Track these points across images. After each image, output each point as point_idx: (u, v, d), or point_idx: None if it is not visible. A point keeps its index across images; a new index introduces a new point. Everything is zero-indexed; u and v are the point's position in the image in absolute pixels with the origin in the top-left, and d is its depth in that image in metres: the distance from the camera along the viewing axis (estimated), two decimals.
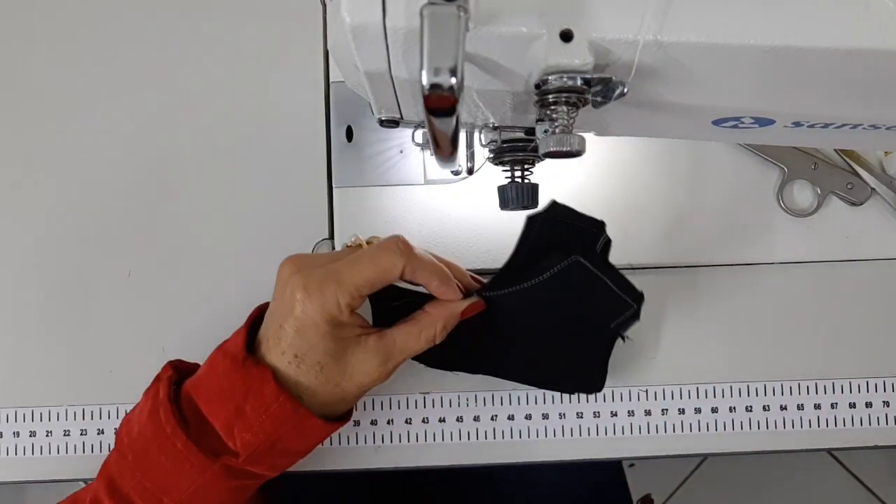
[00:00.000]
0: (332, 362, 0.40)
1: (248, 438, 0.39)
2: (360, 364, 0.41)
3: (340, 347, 0.40)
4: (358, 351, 0.41)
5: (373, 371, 0.41)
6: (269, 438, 0.39)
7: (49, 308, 0.52)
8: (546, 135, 0.30)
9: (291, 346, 0.40)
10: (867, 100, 0.33)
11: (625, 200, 0.53)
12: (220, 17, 0.54)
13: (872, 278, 0.52)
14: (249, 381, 0.39)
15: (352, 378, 0.41)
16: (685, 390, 0.51)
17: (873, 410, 0.51)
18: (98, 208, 0.53)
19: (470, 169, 0.48)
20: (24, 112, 0.54)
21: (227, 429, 0.39)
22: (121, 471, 0.41)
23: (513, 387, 0.50)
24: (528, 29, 0.28)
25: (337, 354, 0.40)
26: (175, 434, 0.39)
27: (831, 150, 0.53)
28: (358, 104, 0.52)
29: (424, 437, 0.51)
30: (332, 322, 0.39)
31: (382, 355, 0.41)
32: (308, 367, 0.40)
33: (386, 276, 0.40)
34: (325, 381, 0.41)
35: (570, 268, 0.42)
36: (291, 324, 0.40)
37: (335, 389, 0.41)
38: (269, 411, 0.39)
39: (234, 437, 0.39)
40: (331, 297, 0.39)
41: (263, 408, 0.39)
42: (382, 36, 0.28)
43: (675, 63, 0.29)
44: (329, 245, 0.52)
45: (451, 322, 0.43)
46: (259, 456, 0.40)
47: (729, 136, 0.37)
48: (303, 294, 0.39)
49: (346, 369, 0.41)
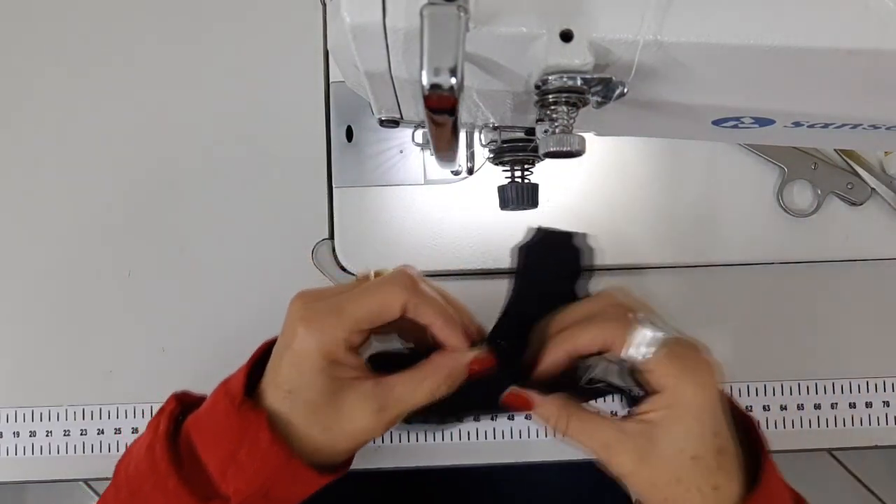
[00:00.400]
0: (324, 403, 0.38)
1: (241, 486, 0.37)
2: (353, 409, 0.38)
3: (334, 388, 0.38)
4: (352, 394, 0.38)
5: (365, 419, 0.38)
6: (263, 487, 0.38)
7: (49, 308, 0.52)
8: (546, 135, 0.30)
9: (286, 381, 0.38)
10: (867, 100, 0.33)
11: (625, 200, 0.53)
12: (221, 18, 0.54)
13: (872, 278, 0.52)
14: (245, 426, 0.37)
15: (343, 425, 0.39)
16: None
17: (873, 410, 0.51)
18: (98, 208, 0.53)
19: (470, 169, 0.48)
20: (24, 113, 0.54)
21: (220, 473, 0.38)
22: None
23: None
24: (528, 29, 0.28)
25: (330, 395, 0.38)
26: (168, 473, 0.38)
27: (831, 150, 0.53)
28: (358, 104, 0.52)
29: (424, 437, 0.51)
30: (329, 357, 0.38)
31: (378, 402, 0.38)
32: (300, 406, 0.38)
33: (387, 309, 0.38)
34: (315, 423, 0.38)
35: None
36: (288, 357, 0.38)
37: (325, 435, 0.39)
38: (263, 459, 0.37)
39: (227, 481, 0.38)
40: (329, 330, 0.37)
41: (258, 455, 0.37)
42: (382, 36, 0.28)
43: (675, 63, 0.29)
44: (329, 245, 0.52)
45: (456, 374, 0.40)
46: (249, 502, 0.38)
47: (729, 136, 0.37)
48: (302, 326, 0.38)
49: (339, 414, 0.38)
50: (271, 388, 0.39)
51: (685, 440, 0.36)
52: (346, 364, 0.39)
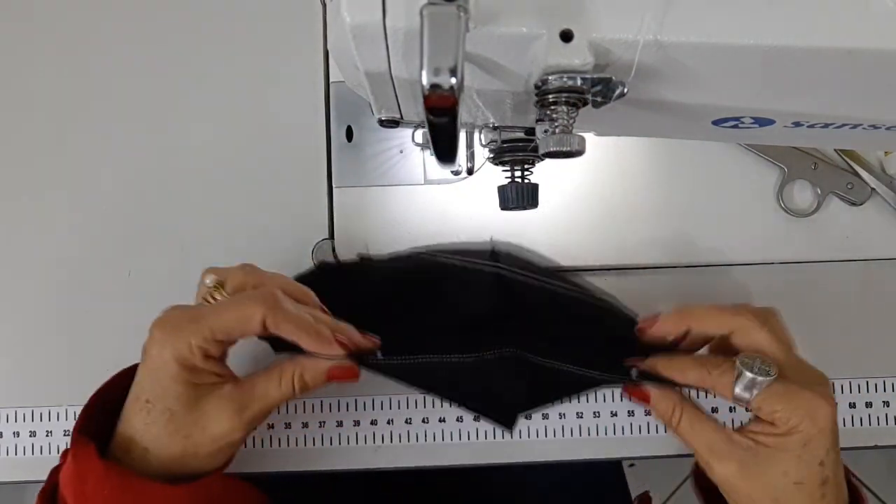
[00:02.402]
0: (182, 410, 0.38)
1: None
2: (213, 412, 0.39)
3: (193, 395, 0.38)
4: (212, 399, 0.39)
5: (226, 420, 0.39)
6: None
7: (49, 308, 0.52)
8: (546, 135, 0.30)
9: (144, 391, 0.39)
10: (867, 100, 0.33)
11: (624, 200, 0.53)
12: (221, 18, 0.54)
13: (872, 278, 0.52)
14: (80, 461, 0.38)
15: (204, 429, 0.39)
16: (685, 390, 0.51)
17: (873, 410, 0.51)
18: (98, 208, 0.53)
19: (470, 169, 0.48)
20: (24, 114, 0.54)
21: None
22: None
23: None
24: (528, 29, 0.28)
25: (188, 402, 0.38)
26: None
27: (831, 150, 0.53)
28: (358, 104, 0.52)
29: (424, 437, 0.51)
30: (183, 363, 0.38)
31: (237, 402, 0.39)
32: (157, 415, 0.38)
33: (245, 324, 0.38)
34: (174, 431, 0.38)
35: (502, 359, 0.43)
36: (146, 364, 0.39)
37: (185, 442, 0.39)
38: (105, 488, 0.37)
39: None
40: (183, 337, 0.38)
41: (100, 485, 0.37)
42: (382, 36, 0.28)
43: (675, 63, 0.29)
44: (329, 245, 0.52)
45: (315, 376, 0.41)
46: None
47: (729, 136, 0.37)
48: (158, 332, 0.38)
49: (199, 420, 0.39)
50: (132, 400, 0.39)
51: (791, 466, 0.38)
52: (205, 370, 0.39)
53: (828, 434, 0.38)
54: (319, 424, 0.51)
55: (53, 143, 0.53)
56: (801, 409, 0.37)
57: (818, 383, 0.40)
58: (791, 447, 0.38)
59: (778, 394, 0.38)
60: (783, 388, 0.38)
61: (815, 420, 0.37)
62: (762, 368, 0.38)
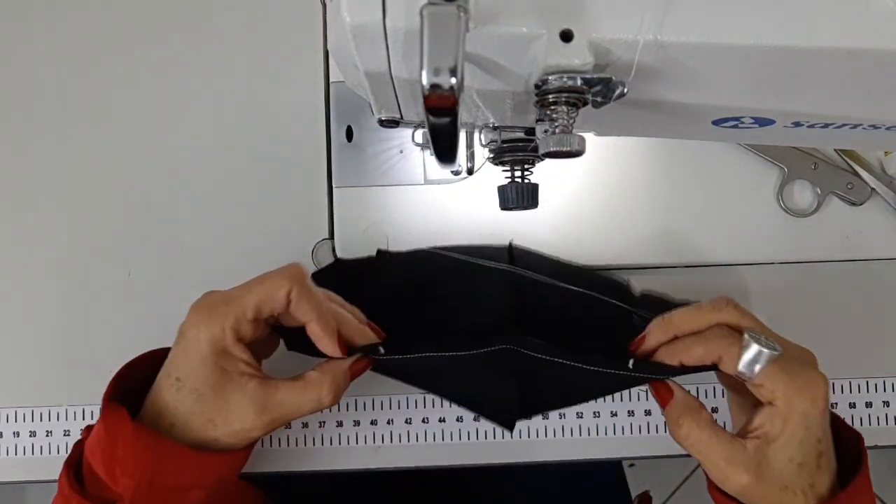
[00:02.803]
0: (209, 393, 0.39)
1: (127, 480, 0.39)
2: (236, 406, 0.40)
3: (220, 380, 0.39)
4: (237, 392, 0.40)
5: (247, 418, 0.40)
6: (145, 475, 0.39)
7: (49, 308, 0.52)
8: (546, 135, 0.30)
9: (176, 368, 0.40)
10: (867, 100, 0.33)
11: (624, 200, 0.53)
12: (221, 18, 0.54)
13: (872, 278, 0.52)
14: (112, 425, 0.39)
15: (226, 419, 0.40)
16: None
17: (873, 410, 0.51)
18: (98, 208, 0.53)
19: (470, 169, 0.48)
20: (24, 114, 0.54)
21: (109, 475, 0.39)
22: None
23: None
24: (527, 29, 0.28)
25: (216, 387, 0.39)
26: (71, 496, 0.39)
27: (831, 150, 0.53)
28: (358, 104, 0.52)
29: (424, 437, 0.51)
30: (215, 346, 0.39)
31: (259, 404, 0.40)
32: (186, 393, 0.39)
33: (272, 296, 0.39)
34: (199, 413, 0.40)
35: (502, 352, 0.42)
36: (180, 344, 0.40)
37: (207, 426, 0.40)
38: (135, 449, 0.38)
39: (116, 481, 0.39)
40: (218, 318, 0.39)
41: (129, 447, 0.38)
42: (382, 36, 0.28)
43: (675, 63, 0.29)
44: (329, 245, 0.52)
45: (340, 380, 0.42)
46: (143, 495, 0.39)
47: (729, 136, 0.37)
48: (194, 314, 0.40)
49: (223, 407, 0.40)
50: (163, 378, 0.41)
51: (796, 450, 0.38)
52: (235, 356, 0.40)
53: (825, 412, 0.39)
54: (319, 424, 0.51)
55: (54, 143, 0.53)
56: (802, 390, 0.38)
57: (810, 364, 0.41)
58: (795, 431, 0.38)
59: (781, 370, 0.38)
60: (786, 365, 0.38)
61: (815, 400, 0.38)
62: (769, 343, 0.38)
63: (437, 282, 0.49)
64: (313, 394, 0.41)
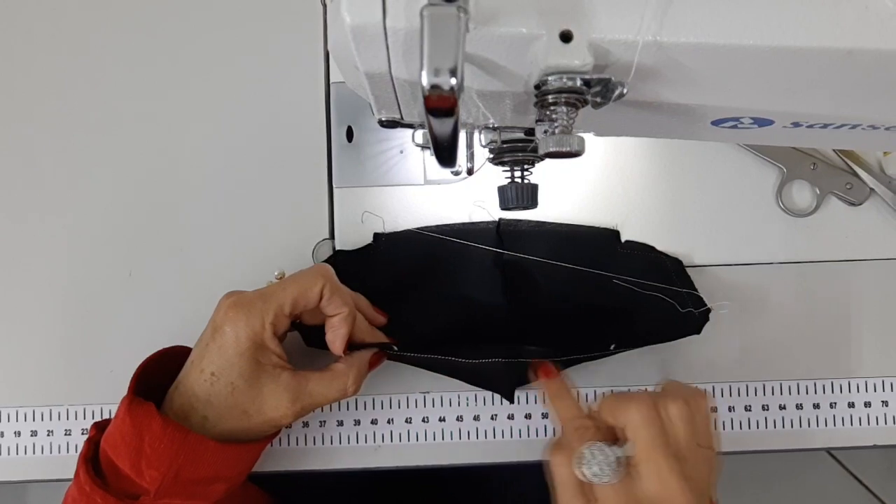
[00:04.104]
0: (244, 386, 0.41)
1: (154, 474, 0.40)
2: (270, 396, 0.42)
3: (256, 372, 0.42)
4: (271, 382, 0.42)
5: (281, 406, 0.42)
6: (171, 469, 0.40)
7: (49, 308, 0.52)
8: (546, 135, 0.30)
9: (210, 364, 0.41)
10: (867, 100, 0.33)
11: (624, 200, 0.53)
12: (221, 18, 0.54)
13: (872, 278, 0.52)
14: (138, 419, 0.40)
15: (260, 409, 0.42)
16: None
17: (873, 410, 0.51)
18: (98, 208, 0.53)
19: (470, 169, 0.48)
20: (25, 114, 0.54)
21: (135, 469, 0.40)
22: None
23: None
24: (527, 29, 0.28)
25: (251, 379, 0.41)
26: (93, 490, 0.40)
27: (831, 150, 0.53)
28: (358, 104, 0.52)
29: (424, 437, 0.51)
30: (254, 340, 0.41)
31: (293, 393, 0.42)
32: (221, 387, 0.41)
33: (308, 293, 0.42)
34: (234, 405, 0.42)
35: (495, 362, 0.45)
36: (216, 340, 0.41)
37: (242, 417, 0.42)
38: (162, 443, 0.40)
39: (142, 475, 0.40)
40: (256, 313, 0.41)
41: (157, 441, 0.40)
42: (382, 36, 0.28)
43: (675, 63, 0.29)
44: (329, 245, 0.52)
45: (363, 371, 0.45)
46: (168, 488, 0.40)
47: (729, 136, 0.37)
48: (233, 311, 0.41)
49: (257, 398, 0.42)
50: (194, 373, 0.42)
51: None
52: (270, 350, 0.42)
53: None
54: (320, 424, 0.51)
55: (54, 143, 0.53)
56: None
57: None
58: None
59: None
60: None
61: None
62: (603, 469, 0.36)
63: (431, 266, 0.51)
64: (340, 383, 0.44)
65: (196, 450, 0.40)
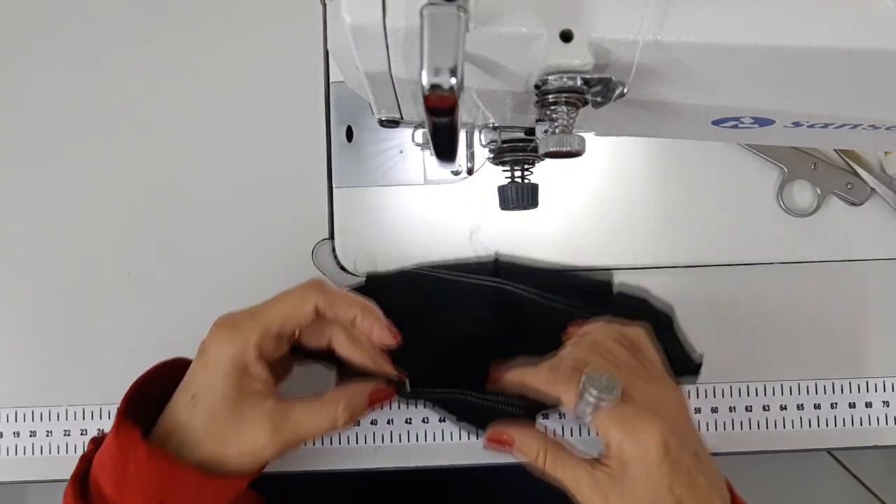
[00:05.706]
0: (223, 412, 0.39)
1: (136, 500, 0.38)
2: (250, 424, 0.39)
3: (237, 398, 0.39)
4: (252, 410, 0.39)
5: (261, 437, 0.39)
6: (156, 497, 0.38)
7: (49, 308, 0.52)
8: (546, 135, 0.30)
9: (192, 385, 0.40)
10: (867, 100, 0.33)
11: (624, 200, 0.53)
12: (221, 18, 0.54)
13: (872, 278, 0.52)
14: (125, 444, 0.38)
15: (238, 437, 0.39)
16: (685, 390, 0.51)
17: (873, 410, 0.51)
18: (98, 208, 0.53)
19: (470, 169, 0.48)
20: (25, 114, 0.54)
21: (118, 494, 0.38)
22: None
23: None
24: (527, 29, 0.28)
25: (231, 405, 0.39)
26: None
27: (831, 150, 0.53)
28: (358, 104, 0.52)
29: (424, 437, 0.51)
30: (237, 362, 0.39)
31: (274, 423, 0.39)
32: (200, 412, 0.39)
33: (298, 310, 0.39)
34: (211, 432, 0.39)
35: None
36: (200, 360, 0.40)
37: (218, 445, 0.39)
38: (148, 470, 0.38)
39: (125, 500, 0.38)
40: (242, 333, 0.39)
41: (142, 467, 0.38)
42: (382, 36, 0.28)
43: (675, 63, 0.29)
44: (329, 245, 0.52)
45: (357, 403, 0.41)
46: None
47: (729, 136, 0.37)
48: (218, 331, 0.39)
49: (236, 425, 0.39)
50: (180, 393, 0.40)
51: (640, 490, 0.37)
52: (254, 375, 0.39)
53: (664, 462, 0.37)
54: None
55: (54, 143, 0.53)
56: (631, 438, 0.37)
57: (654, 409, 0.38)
58: (631, 473, 0.37)
59: (612, 417, 0.37)
60: (619, 412, 0.37)
61: (647, 449, 0.37)
62: (607, 386, 0.37)
63: (426, 304, 0.50)
64: (329, 412, 0.40)
65: (181, 479, 0.38)
